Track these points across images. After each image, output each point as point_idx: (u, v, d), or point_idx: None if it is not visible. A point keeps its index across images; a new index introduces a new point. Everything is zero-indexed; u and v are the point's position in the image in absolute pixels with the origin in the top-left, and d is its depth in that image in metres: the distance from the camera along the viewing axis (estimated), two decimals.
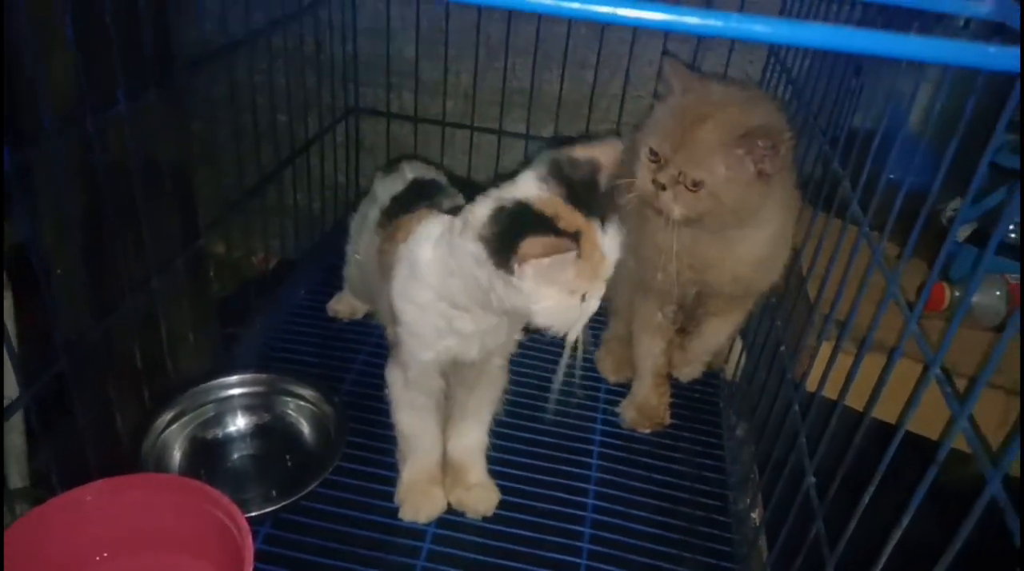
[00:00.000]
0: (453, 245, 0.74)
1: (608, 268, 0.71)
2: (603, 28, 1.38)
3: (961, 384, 0.92)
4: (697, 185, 0.86)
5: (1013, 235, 1.13)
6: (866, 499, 0.61)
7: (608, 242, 0.70)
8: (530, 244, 0.66)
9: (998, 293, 1.05)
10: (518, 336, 0.88)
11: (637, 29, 1.37)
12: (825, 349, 0.82)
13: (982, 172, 0.59)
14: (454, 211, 0.79)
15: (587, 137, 0.75)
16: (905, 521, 0.54)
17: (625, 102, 1.43)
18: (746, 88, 0.98)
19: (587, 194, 0.70)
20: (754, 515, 0.96)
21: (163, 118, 0.95)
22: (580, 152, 0.72)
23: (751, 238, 0.94)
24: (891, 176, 0.85)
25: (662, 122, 0.90)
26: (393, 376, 0.90)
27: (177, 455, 0.94)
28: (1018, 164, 1.06)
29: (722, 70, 1.35)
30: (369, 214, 1.04)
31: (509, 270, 0.68)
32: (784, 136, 0.85)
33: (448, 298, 0.77)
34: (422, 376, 0.86)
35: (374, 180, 1.12)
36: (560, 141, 0.76)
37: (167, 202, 0.98)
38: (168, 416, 0.94)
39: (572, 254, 0.66)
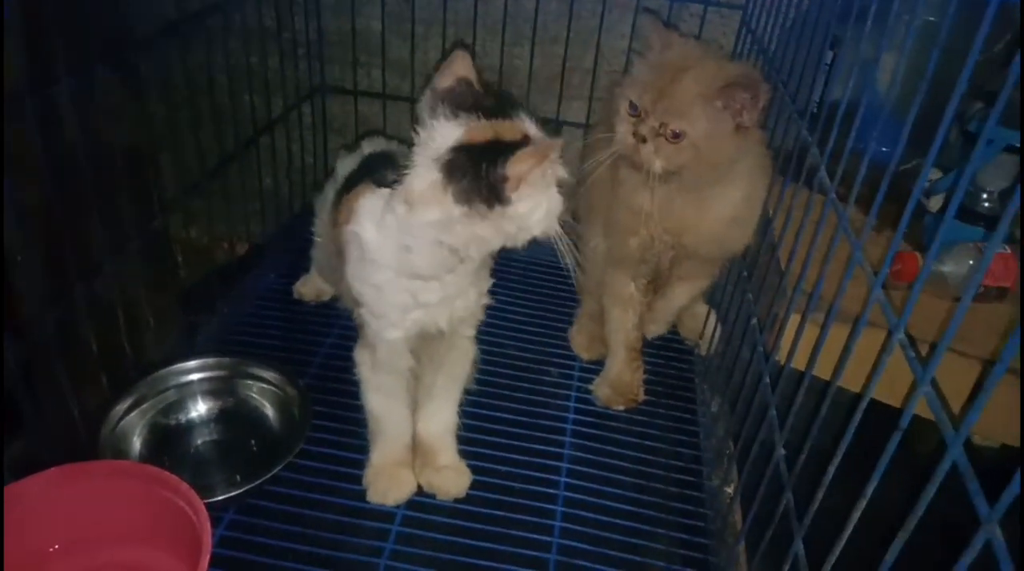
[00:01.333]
0: (403, 224, 0.72)
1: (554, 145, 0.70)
2: (573, 2, 1.35)
3: (948, 357, 0.91)
4: (678, 136, 0.87)
5: (987, 204, 1.13)
6: (831, 470, 0.59)
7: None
8: (515, 165, 0.66)
9: (971, 262, 1.04)
10: (485, 300, 0.86)
11: (608, 2, 1.34)
12: (794, 321, 0.80)
13: (940, 141, 0.58)
14: (395, 183, 0.75)
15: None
16: (869, 490, 0.53)
17: (598, 77, 1.41)
18: (721, 50, 0.98)
19: (489, 102, 0.71)
20: (728, 489, 0.96)
21: (114, 97, 0.92)
22: (445, 80, 0.72)
23: (726, 197, 0.95)
24: (860, 146, 0.84)
25: (641, 76, 0.90)
26: (361, 357, 0.88)
27: (137, 442, 0.91)
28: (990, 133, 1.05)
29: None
30: (328, 193, 1.02)
31: (505, 201, 0.67)
32: (763, 87, 0.86)
33: (409, 273, 0.75)
34: (391, 356, 0.84)
35: (337, 160, 1.09)
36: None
37: (122, 184, 0.95)
38: (127, 403, 0.92)
39: (555, 152, 0.67)
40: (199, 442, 0.95)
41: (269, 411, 0.97)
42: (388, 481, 0.90)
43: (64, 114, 0.80)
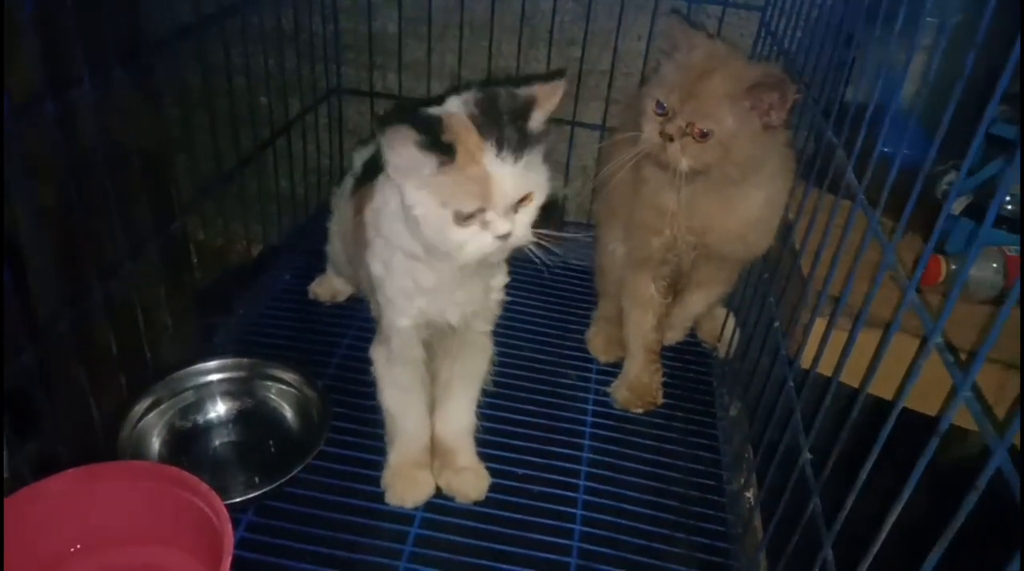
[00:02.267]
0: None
1: (500, 192, 0.69)
2: (590, 3, 1.35)
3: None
4: (705, 135, 0.87)
5: (1010, 207, 1.12)
6: (863, 475, 0.59)
7: (506, 168, 0.68)
8: (390, 131, 0.66)
9: (995, 265, 1.03)
10: (499, 296, 0.86)
11: (625, 3, 1.34)
12: (819, 325, 0.79)
13: (977, 143, 0.58)
14: None
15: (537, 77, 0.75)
16: (906, 494, 0.52)
17: (614, 79, 1.40)
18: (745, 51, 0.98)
19: (503, 121, 0.69)
20: (748, 495, 0.95)
21: (132, 99, 0.92)
22: (524, 90, 0.72)
23: (750, 197, 0.95)
24: (885, 149, 0.84)
25: (669, 76, 0.91)
26: (377, 353, 0.89)
27: (156, 444, 0.91)
28: (1011, 134, 1.04)
29: None
30: (347, 185, 1.03)
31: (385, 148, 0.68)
32: (791, 87, 0.86)
33: (403, 248, 0.76)
34: (403, 346, 0.85)
35: (354, 153, 1.09)
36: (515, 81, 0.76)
37: (140, 186, 0.95)
38: (145, 404, 0.92)
39: (426, 153, 0.66)
40: (217, 443, 0.95)
41: (288, 412, 0.97)
42: (406, 483, 0.90)
43: (82, 116, 0.80)
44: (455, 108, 0.71)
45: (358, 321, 1.18)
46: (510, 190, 0.69)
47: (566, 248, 0.78)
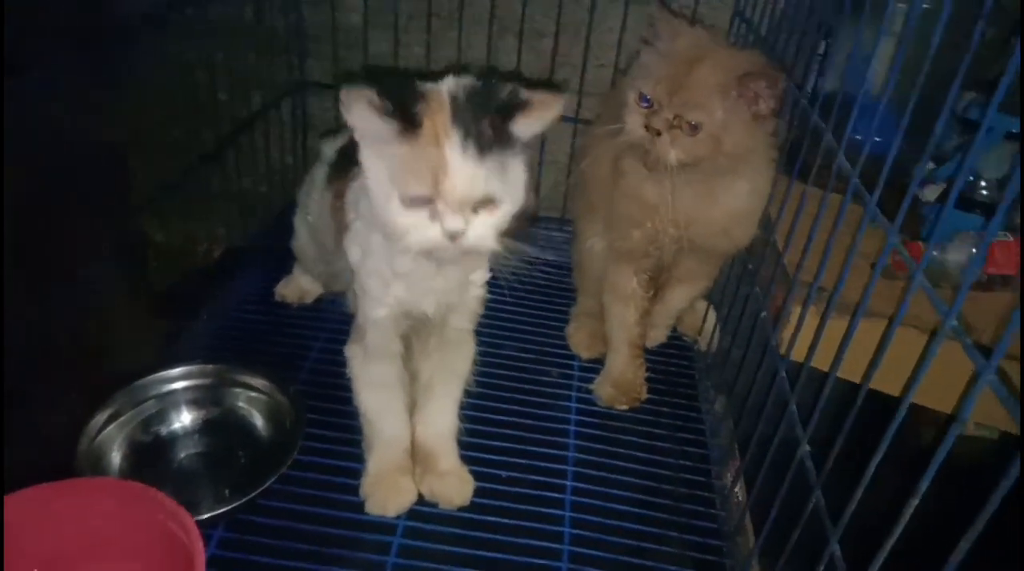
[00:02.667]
0: None
1: (452, 184, 0.63)
2: None
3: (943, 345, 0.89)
4: (695, 128, 0.84)
5: (985, 192, 1.12)
6: (872, 467, 0.56)
7: (467, 162, 0.64)
8: (356, 90, 0.62)
9: (974, 251, 1.03)
10: (479, 292, 0.82)
11: None
12: (812, 316, 0.77)
13: (941, 131, 0.58)
14: None
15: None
16: (923, 487, 0.50)
17: (586, 71, 1.38)
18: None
19: (482, 113, 0.65)
20: (737, 491, 0.93)
21: (85, 89, 0.86)
22: (527, 92, 0.67)
23: (735, 188, 0.92)
24: (857, 136, 0.83)
25: (653, 66, 0.88)
26: (352, 350, 0.85)
27: (116, 457, 0.85)
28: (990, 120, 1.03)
29: None
30: (316, 175, 0.99)
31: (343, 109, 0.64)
32: (780, 76, 0.84)
33: (380, 227, 0.71)
34: (380, 339, 0.81)
35: (320, 143, 1.05)
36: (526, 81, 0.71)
37: (94, 183, 0.89)
38: (104, 416, 0.86)
39: (386, 119, 0.63)
40: (183, 455, 0.90)
41: (258, 420, 0.92)
42: (387, 490, 0.85)
43: (30, 106, 0.75)
44: (444, 87, 0.67)
45: (329, 323, 1.13)
46: (463, 186, 0.64)
47: (542, 243, 0.75)
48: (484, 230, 0.67)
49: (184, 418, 0.92)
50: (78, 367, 0.86)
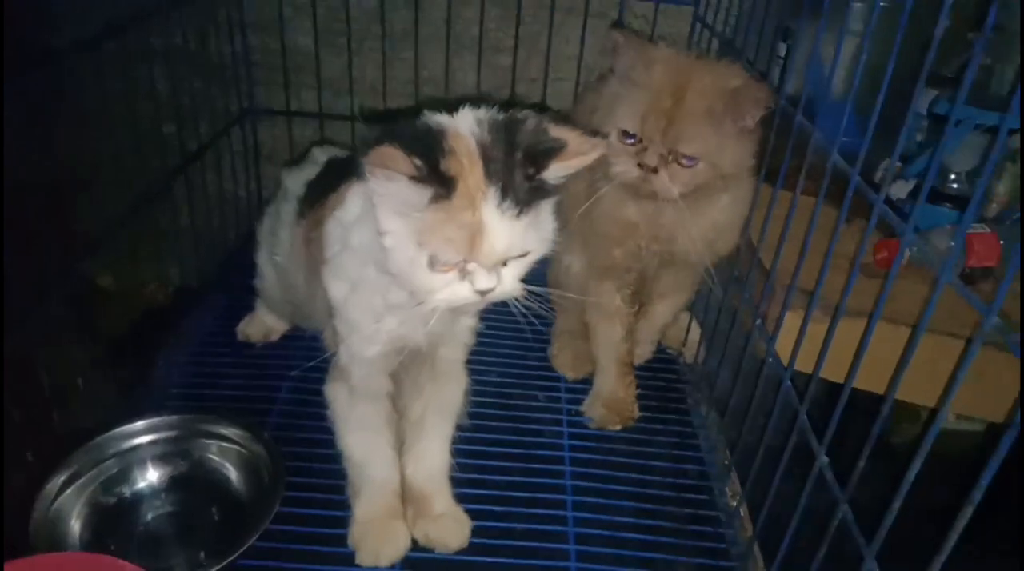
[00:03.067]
0: None
1: (490, 248, 0.58)
2: (519, 9, 1.29)
3: (932, 338, 0.88)
4: (692, 159, 0.82)
5: (955, 185, 1.13)
6: (911, 475, 0.53)
7: (504, 223, 0.58)
8: (383, 151, 0.55)
9: (952, 244, 1.02)
10: (471, 322, 0.77)
11: (555, 5, 1.29)
12: (820, 323, 0.75)
13: (908, 128, 0.57)
14: None
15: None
16: (977, 497, 0.46)
17: (547, 85, 1.35)
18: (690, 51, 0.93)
19: (516, 161, 0.59)
20: (743, 512, 0.90)
21: (17, 126, 0.79)
22: (557, 130, 0.61)
23: (718, 201, 0.90)
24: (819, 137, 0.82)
25: (630, 99, 0.83)
26: (334, 391, 0.78)
27: (76, 525, 0.77)
28: (959, 113, 1.04)
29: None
30: (282, 210, 0.92)
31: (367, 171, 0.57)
32: (766, 90, 0.82)
33: (375, 260, 0.65)
34: (369, 379, 0.75)
35: (282, 176, 0.99)
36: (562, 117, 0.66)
37: (39, 224, 0.82)
38: (60, 479, 0.77)
39: (418, 185, 0.56)
40: (150, 517, 0.82)
41: (232, 473, 0.84)
42: (379, 537, 0.79)
43: None
44: (466, 126, 0.60)
45: (298, 360, 1.06)
46: (502, 248, 0.59)
47: None
48: (513, 281, 0.62)
49: (150, 476, 0.83)
50: (27, 426, 0.78)
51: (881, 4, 0.88)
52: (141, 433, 0.84)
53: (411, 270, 0.60)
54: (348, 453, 0.79)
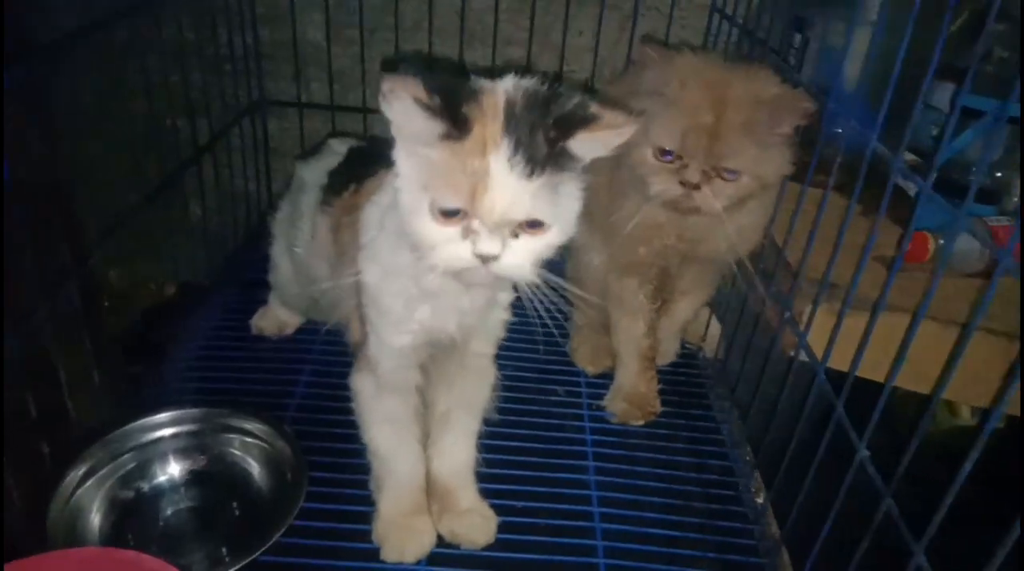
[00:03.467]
0: None
1: (492, 201, 0.56)
2: (534, 1, 1.28)
3: (952, 332, 0.87)
4: (735, 173, 0.81)
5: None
6: (963, 474, 0.52)
7: (511, 178, 0.56)
8: (401, 77, 0.54)
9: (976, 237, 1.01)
10: (502, 313, 0.75)
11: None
12: (857, 318, 0.73)
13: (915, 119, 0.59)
14: None
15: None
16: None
17: (561, 79, 1.34)
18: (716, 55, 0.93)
19: (540, 124, 0.56)
20: (760, 501, 0.89)
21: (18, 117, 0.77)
22: (597, 107, 0.59)
23: (748, 204, 0.88)
24: (833, 130, 0.81)
25: (666, 117, 0.82)
26: (360, 383, 0.76)
27: (95, 520, 0.76)
28: (984, 105, 1.03)
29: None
30: (302, 202, 0.90)
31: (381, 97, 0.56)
32: (805, 100, 0.80)
33: (408, 240, 0.62)
34: (398, 370, 0.73)
35: (296, 168, 0.97)
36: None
37: (44, 224, 0.80)
38: (78, 473, 0.76)
39: (430, 117, 0.55)
40: (170, 512, 0.80)
41: (254, 468, 0.83)
42: (404, 533, 0.78)
43: None
44: (503, 87, 0.58)
45: (314, 353, 1.05)
46: (503, 204, 0.56)
47: None
48: (522, 258, 0.59)
49: (169, 470, 0.82)
50: (42, 421, 0.76)
51: None
52: (160, 426, 0.82)
53: (414, 216, 0.58)
54: (373, 446, 0.78)
